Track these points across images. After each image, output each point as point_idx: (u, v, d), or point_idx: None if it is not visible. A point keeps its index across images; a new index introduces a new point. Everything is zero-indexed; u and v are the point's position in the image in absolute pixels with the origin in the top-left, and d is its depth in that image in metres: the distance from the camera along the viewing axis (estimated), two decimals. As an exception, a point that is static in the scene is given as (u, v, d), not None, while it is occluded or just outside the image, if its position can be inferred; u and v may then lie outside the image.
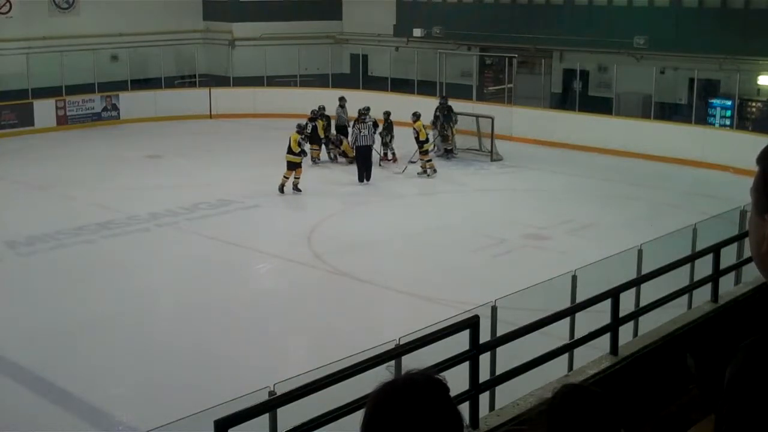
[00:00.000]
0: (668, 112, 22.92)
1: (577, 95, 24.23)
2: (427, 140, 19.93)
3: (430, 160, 19.93)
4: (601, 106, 24.12)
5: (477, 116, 22.72)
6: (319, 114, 21.29)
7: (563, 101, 25.40)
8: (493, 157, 21.86)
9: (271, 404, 5.20)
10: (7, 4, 26.08)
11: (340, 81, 28.24)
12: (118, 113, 26.26)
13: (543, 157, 22.02)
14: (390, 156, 21.26)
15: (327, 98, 26.47)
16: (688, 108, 22.15)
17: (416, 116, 20.04)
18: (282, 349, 11.05)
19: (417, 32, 27.35)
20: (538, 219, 16.32)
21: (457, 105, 23.49)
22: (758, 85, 22.16)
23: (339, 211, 17.47)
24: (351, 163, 20.31)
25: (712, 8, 22.41)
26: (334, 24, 31.02)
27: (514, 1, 26.03)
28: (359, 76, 28.35)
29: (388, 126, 20.99)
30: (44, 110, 24.99)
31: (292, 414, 5.28)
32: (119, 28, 27.31)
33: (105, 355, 10.55)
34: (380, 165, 20.60)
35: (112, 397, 9.58)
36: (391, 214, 17.22)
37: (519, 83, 25.95)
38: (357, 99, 26.04)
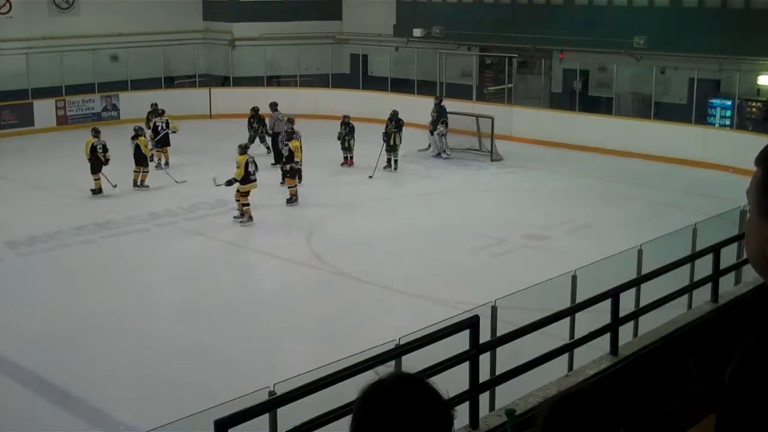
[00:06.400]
0: (668, 112, 22.88)
1: (577, 95, 24.24)
2: (296, 161, 17.80)
3: (292, 186, 17.69)
4: (601, 106, 24.14)
5: (477, 116, 22.72)
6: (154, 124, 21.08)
7: (563, 101, 25.39)
8: (493, 157, 21.86)
9: (271, 404, 5.21)
10: (7, 4, 26.09)
11: (340, 81, 28.26)
12: (118, 113, 26.25)
13: (543, 157, 22.01)
14: (348, 159, 20.90)
15: (327, 98, 26.56)
16: (688, 108, 22.14)
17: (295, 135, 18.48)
18: (282, 349, 11.04)
19: (417, 32, 27.34)
20: (538, 219, 16.32)
21: (457, 105, 23.52)
22: (758, 85, 22.16)
23: (339, 211, 17.46)
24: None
25: (712, 8, 22.41)
26: (334, 24, 31.01)
27: (514, 1, 26.03)
28: (359, 76, 28.34)
29: (350, 129, 20.80)
30: (44, 110, 24.99)
31: (292, 414, 5.28)
32: (119, 28, 27.30)
33: (105, 355, 10.56)
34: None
35: (112, 397, 9.57)
36: (391, 214, 17.20)
37: (519, 83, 25.95)
38: (357, 99, 26.13)
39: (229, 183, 16.38)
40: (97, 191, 18.11)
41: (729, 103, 21.70)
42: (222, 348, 10.77)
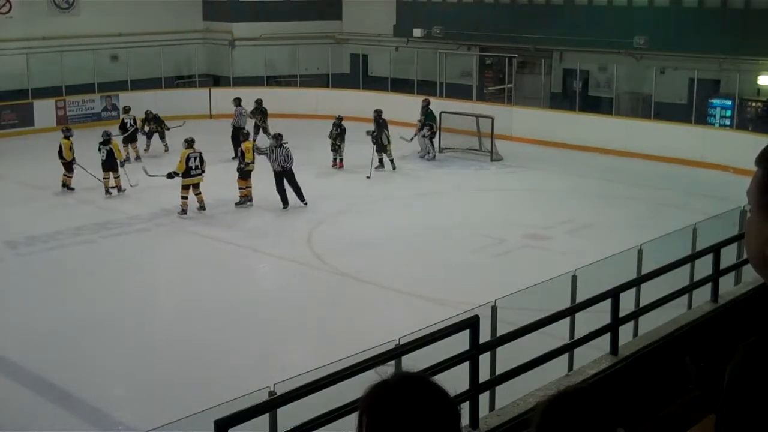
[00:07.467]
0: (668, 112, 22.88)
1: (577, 95, 24.24)
2: (247, 163, 17.36)
3: (242, 188, 17.45)
4: (601, 106, 24.14)
5: (477, 116, 22.72)
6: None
7: (563, 101, 25.38)
8: (493, 157, 21.86)
9: (271, 404, 5.20)
10: (7, 4, 26.07)
11: (339, 81, 28.26)
12: (118, 113, 26.19)
13: (543, 157, 22.01)
14: (337, 162, 20.72)
15: (327, 98, 26.55)
16: (688, 108, 22.14)
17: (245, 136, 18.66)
18: (282, 349, 11.04)
19: (417, 32, 27.35)
20: (538, 219, 16.32)
21: (457, 105, 23.53)
22: (758, 85, 22.15)
23: (339, 211, 17.46)
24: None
25: (712, 8, 22.41)
26: (334, 24, 31.02)
27: (514, 1, 26.03)
28: (359, 76, 28.34)
29: (341, 131, 20.61)
30: (44, 110, 24.99)
31: (292, 414, 5.28)
32: (119, 28, 27.30)
33: (105, 355, 10.56)
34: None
35: (112, 397, 9.58)
36: (391, 214, 17.20)
37: (519, 83, 25.94)
38: (357, 99, 26.12)
39: (170, 176, 16.65)
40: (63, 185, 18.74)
41: (729, 103, 21.69)
42: (222, 348, 10.78)
